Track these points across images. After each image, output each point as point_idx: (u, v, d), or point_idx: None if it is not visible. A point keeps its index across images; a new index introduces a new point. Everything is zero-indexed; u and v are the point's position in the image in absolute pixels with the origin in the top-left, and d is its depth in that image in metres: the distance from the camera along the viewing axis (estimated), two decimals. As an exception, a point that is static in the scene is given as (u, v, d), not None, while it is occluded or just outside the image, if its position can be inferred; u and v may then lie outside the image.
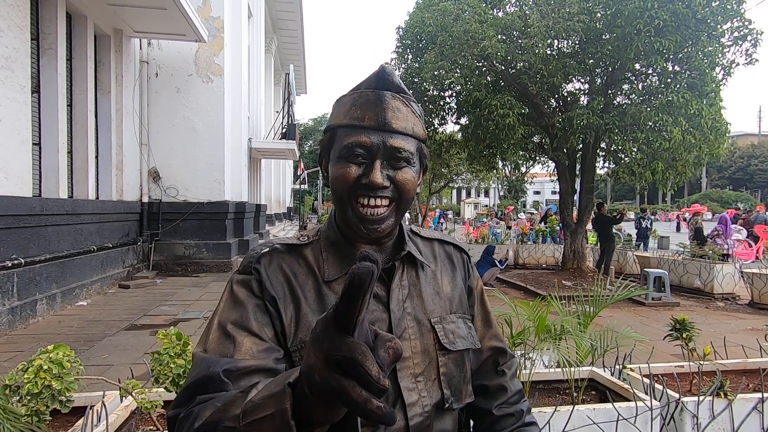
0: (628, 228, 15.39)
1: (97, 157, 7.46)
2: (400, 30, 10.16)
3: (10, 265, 4.86)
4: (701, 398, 2.13)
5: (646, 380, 2.31)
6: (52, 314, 5.61)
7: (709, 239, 10.87)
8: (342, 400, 0.42)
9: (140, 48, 8.65)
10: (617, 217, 10.46)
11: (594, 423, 2.02)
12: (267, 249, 0.83)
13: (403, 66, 10.13)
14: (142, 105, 8.69)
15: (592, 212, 10.13)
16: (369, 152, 0.78)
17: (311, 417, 0.47)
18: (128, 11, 7.19)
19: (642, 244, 12.61)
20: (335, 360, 0.42)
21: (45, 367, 1.44)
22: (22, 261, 5.05)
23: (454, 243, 0.98)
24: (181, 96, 9.01)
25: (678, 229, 27.83)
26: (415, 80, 9.54)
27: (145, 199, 8.68)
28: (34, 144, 5.75)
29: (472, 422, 0.97)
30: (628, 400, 2.14)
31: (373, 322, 0.79)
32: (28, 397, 1.45)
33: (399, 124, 0.79)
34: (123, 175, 7.96)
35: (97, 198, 7.36)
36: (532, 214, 19.35)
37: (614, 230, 10.60)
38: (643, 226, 13.34)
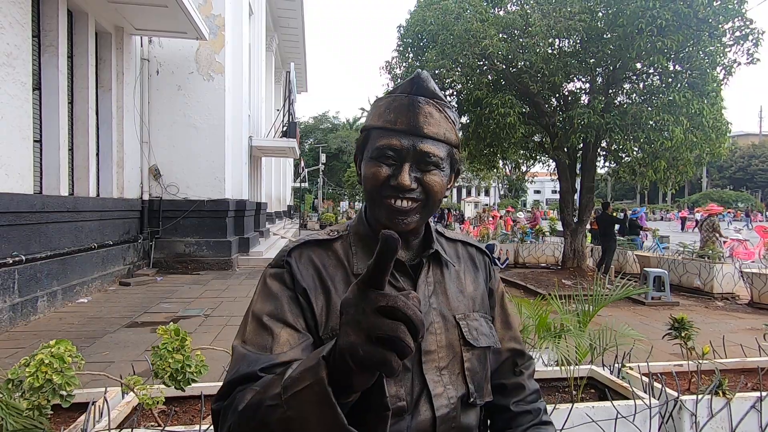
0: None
1: (97, 154, 7.46)
2: (401, 28, 10.14)
3: (11, 262, 4.87)
4: (700, 397, 2.14)
5: (645, 379, 2.32)
6: (53, 311, 5.62)
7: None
8: (383, 368, 0.50)
9: (141, 45, 8.65)
10: (621, 217, 10.49)
11: (593, 421, 2.03)
12: (298, 243, 0.87)
13: (404, 65, 10.12)
14: (143, 102, 8.69)
15: (596, 211, 10.15)
16: (399, 155, 0.80)
17: (349, 384, 0.53)
18: (129, 9, 7.19)
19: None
20: (377, 336, 0.49)
21: (46, 361, 1.45)
22: (23, 258, 5.06)
23: (476, 245, 1.01)
24: (182, 94, 9.01)
25: (682, 228, 27.64)
26: (416, 79, 9.53)
27: (146, 197, 8.69)
28: (35, 141, 5.75)
29: (489, 421, 0.99)
30: (627, 399, 2.15)
31: None
32: (30, 392, 1.46)
33: (430, 129, 0.81)
34: (124, 173, 7.97)
35: (98, 195, 7.37)
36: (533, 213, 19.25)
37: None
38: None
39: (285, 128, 13.64)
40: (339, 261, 0.85)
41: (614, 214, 11.12)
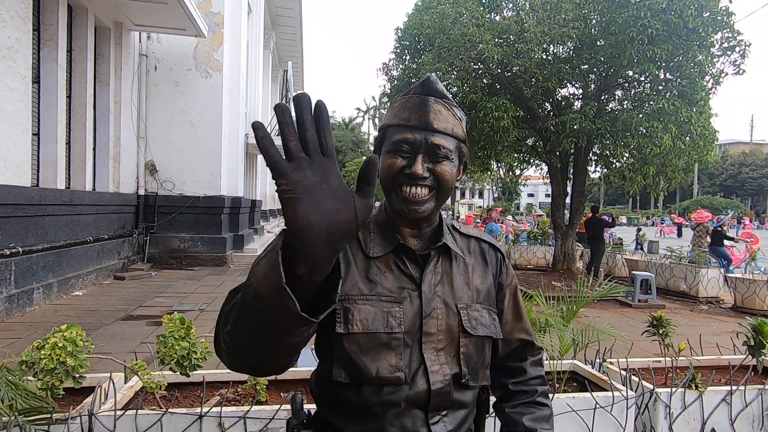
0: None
1: (94, 148, 7.50)
2: (399, 31, 10.26)
3: (8, 253, 4.92)
4: (674, 390, 2.27)
5: (624, 373, 2.44)
6: (49, 303, 5.67)
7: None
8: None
9: (140, 41, 8.69)
10: (609, 221, 10.69)
11: (573, 410, 2.14)
12: None
13: (401, 67, 10.23)
14: (141, 98, 8.73)
15: (585, 214, 10.32)
16: (413, 147, 0.91)
17: (299, 258, 0.60)
18: (129, 4, 7.24)
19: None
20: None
21: (60, 344, 1.54)
22: (20, 250, 5.11)
23: (490, 242, 1.08)
24: (180, 90, 9.06)
25: (679, 234, 27.65)
26: (413, 81, 9.66)
27: (142, 192, 8.72)
28: (33, 134, 5.79)
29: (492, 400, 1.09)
30: (606, 391, 2.27)
31: (403, 299, 0.92)
32: (43, 373, 1.55)
33: (440, 125, 0.91)
34: (120, 168, 8.01)
35: (94, 189, 7.41)
36: (540, 216, 19.39)
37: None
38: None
39: (281, 126, 13.67)
40: (358, 243, 0.96)
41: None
